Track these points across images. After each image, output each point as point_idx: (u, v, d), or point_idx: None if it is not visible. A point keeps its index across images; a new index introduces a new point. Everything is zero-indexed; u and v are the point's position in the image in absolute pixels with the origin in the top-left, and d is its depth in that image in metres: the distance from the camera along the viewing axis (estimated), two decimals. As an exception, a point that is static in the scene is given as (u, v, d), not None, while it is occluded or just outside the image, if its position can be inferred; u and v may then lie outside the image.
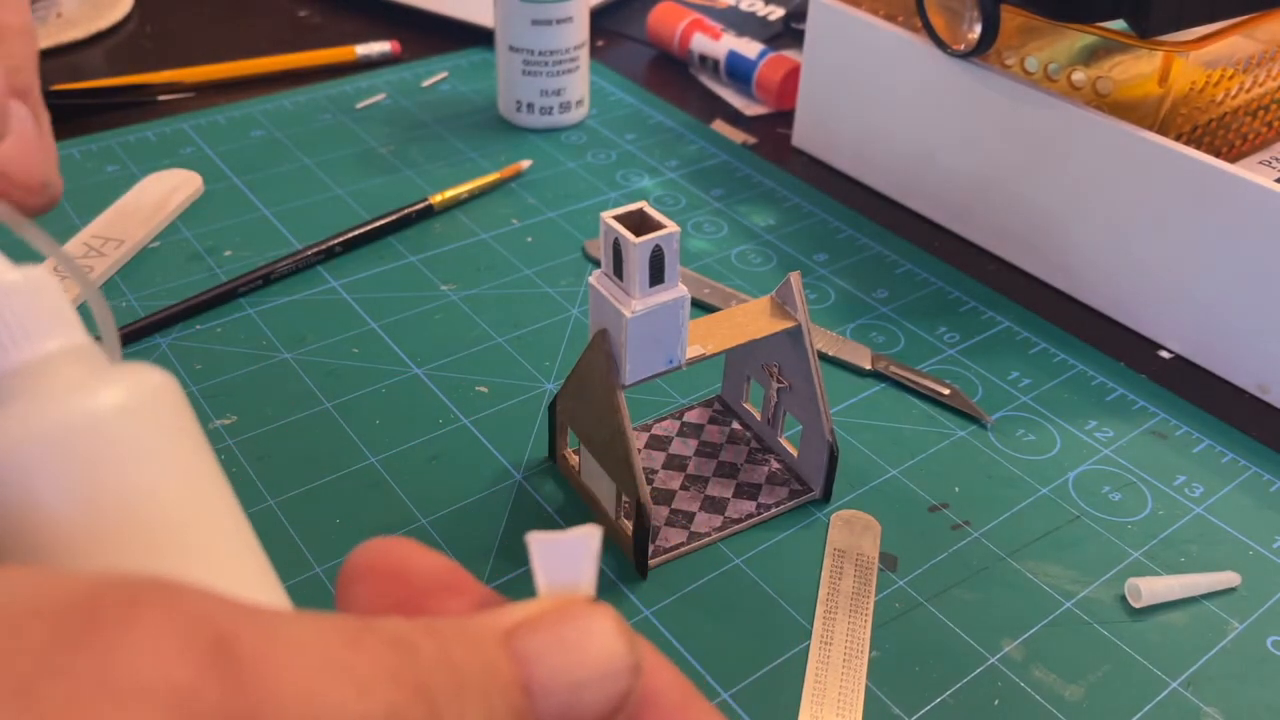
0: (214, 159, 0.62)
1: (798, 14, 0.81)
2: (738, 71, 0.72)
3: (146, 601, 0.13)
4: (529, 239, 0.57)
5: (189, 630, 0.13)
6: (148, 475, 0.18)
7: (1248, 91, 0.54)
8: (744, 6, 0.83)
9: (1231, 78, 0.52)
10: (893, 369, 0.48)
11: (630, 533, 0.38)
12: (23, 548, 0.17)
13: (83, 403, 0.18)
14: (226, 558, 0.19)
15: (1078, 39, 0.53)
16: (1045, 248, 0.55)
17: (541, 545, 0.19)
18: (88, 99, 0.67)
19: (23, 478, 0.17)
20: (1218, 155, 0.52)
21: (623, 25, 0.82)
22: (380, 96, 0.70)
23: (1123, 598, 0.39)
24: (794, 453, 0.43)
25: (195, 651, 0.13)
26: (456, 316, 0.51)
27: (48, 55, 0.74)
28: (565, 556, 0.18)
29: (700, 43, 0.74)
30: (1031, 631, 0.37)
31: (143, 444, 0.18)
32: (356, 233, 0.55)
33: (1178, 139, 0.51)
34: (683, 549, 0.40)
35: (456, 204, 0.59)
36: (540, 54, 0.64)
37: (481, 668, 0.16)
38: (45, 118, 0.29)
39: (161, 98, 0.69)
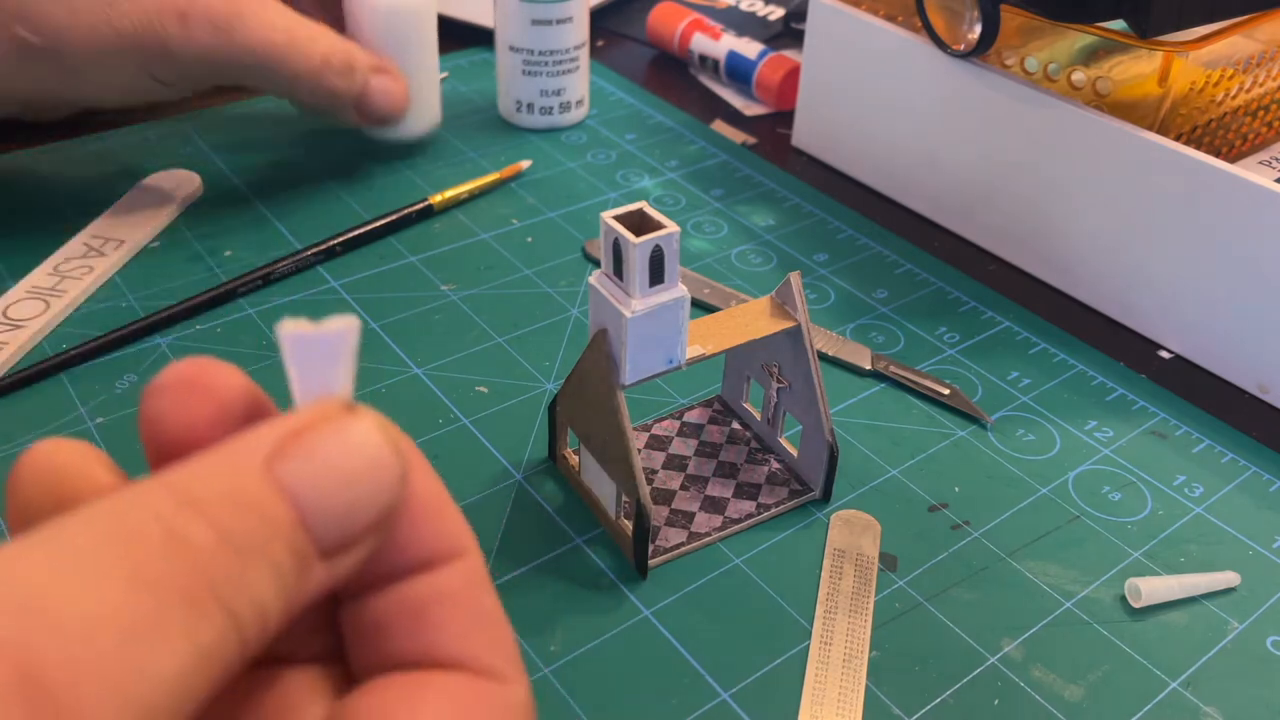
0: (214, 159, 0.62)
1: (798, 14, 0.81)
2: (738, 71, 0.72)
3: None
4: (529, 239, 0.57)
5: None
6: None
7: (1247, 92, 0.54)
8: (744, 6, 0.83)
9: (1231, 78, 0.52)
10: (893, 369, 0.48)
11: (630, 533, 0.38)
12: None
13: None
14: None
15: (1078, 39, 0.53)
16: (1045, 248, 0.55)
17: (295, 341, 0.17)
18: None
19: None
20: (1218, 155, 0.52)
21: (623, 25, 0.82)
22: (380, 96, 0.70)
23: (1122, 598, 0.39)
24: (794, 453, 0.43)
25: (6, 703, 0.12)
26: (456, 316, 0.51)
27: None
28: (321, 354, 0.16)
29: (700, 43, 0.74)
30: (1031, 631, 0.37)
31: None
32: (356, 233, 0.55)
33: (1177, 139, 0.51)
34: (683, 549, 0.40)
35: (456, 204, 0.59)
36: (540, 54, 0.64)
37: (258, 526, 0.15)
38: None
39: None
